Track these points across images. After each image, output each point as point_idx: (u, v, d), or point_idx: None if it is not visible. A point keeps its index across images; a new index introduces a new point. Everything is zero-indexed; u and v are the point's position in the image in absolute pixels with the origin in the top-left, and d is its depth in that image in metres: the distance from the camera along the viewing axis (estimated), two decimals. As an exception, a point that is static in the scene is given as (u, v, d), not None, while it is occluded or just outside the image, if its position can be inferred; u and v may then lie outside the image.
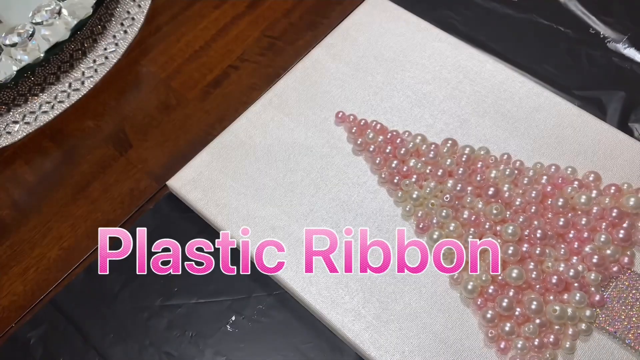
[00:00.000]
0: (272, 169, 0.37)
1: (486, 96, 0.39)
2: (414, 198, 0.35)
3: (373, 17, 0.43)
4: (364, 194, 0.36)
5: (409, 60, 0.41)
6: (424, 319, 0.32)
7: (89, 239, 0.38)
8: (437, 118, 0.39)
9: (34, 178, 0.40)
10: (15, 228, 0.39)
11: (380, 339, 0.32)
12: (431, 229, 0.34)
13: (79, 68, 0.44)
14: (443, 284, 0.33)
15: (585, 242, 0.33)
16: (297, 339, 0.34)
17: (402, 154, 0.36)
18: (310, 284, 0.33)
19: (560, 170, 0.35)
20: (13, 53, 0.41)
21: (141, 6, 0.47)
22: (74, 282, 0.36)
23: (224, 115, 0.42)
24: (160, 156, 0.41)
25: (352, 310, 0.32)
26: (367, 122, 0.38)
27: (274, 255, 0.34)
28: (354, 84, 0.40)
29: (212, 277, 0.36)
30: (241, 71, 0.44)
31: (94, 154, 0.41)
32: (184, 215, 0.38)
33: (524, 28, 0.44)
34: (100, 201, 0.39)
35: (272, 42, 0.45)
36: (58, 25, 0.42)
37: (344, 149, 0.38)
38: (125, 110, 0.43)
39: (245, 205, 0.36)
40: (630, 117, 0.40)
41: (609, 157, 0.36)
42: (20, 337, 0.35)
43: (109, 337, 0.34)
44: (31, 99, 0.43)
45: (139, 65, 0.45)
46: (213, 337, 0.34)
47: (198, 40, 0.46)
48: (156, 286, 0.36)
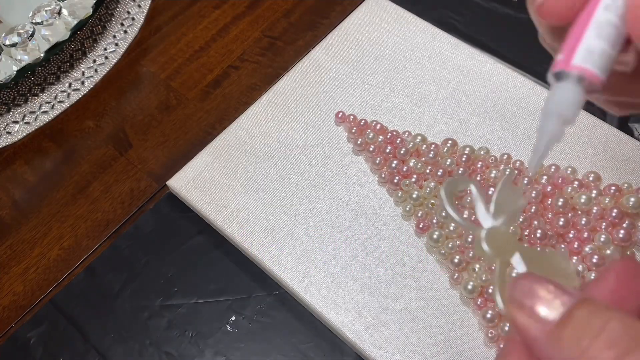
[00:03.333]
0: (272, 169, 0.37)
1: (486, 96, 0.39)
2: (414, 198, 0.35)
3: (373, 17, 0.43)
4: (364, 194, 0.36)
5: (409, 60, 0.41)
6: (424, 319, 0.32)
7: (89, 239, 0.38)
8: (437, 118, 0.39)
9: (34, 178, 0.40)
10: (15, 228, 0.39)
11: (380, 339, 0.32)
12: (431, 229, 0.34)
13: (79, 68, 0.44)
14: (443, 284, 0.33)
15: (585, 242, 0.33)
16: (297, 339, 0.34)
17: (402, 154, 0.36)
18: (310, 284, 0.33)
19: (560, 170, 0.35)
20: (13, 53, 0.41)
21: (141, 6, 0.47)
22: (74, 282, 0.36)
23: (224, 115, 0.42)
24: (160, 156, 0.41)
25: (352, 310, 0.32)
26: (367, 122, 0.38)
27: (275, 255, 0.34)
28: (354, 84, 0.40)
29: (212, 277, 0.36)
30: (241, 71, 0.44)
31: (94, 154, 0.41)
32: (184, 215, 0.38)
33: (524, 28, 0.44)
34: (100, 201, 0.39)
35: (272, 42, 0.45)
36: (58, 25, 0.42)
37: (344, 149, 0.38)
38: (125, 110, 0.43)
39: (245, 205, 0.36)
40: (630, 117, 0.40)
41: (609, 157, 0.36)
42: (20, 337, 0.35)
43: (109, 337, 0.34)
44: (31, 99, 0.43)
45: (139, 65, 0.45)
46: (213, 337, 0.34)
47: (198, 40, 0.46)
48: (156, 286, 0.36)
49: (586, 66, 0.17)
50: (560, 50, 0.17)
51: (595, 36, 0.16)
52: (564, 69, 0.17)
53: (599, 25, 0.16)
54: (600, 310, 0.15)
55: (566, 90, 0.17)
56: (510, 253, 0.20)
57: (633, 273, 0.17)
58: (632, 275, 0.17)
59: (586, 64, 0.17)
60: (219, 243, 0.36)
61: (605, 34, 0.16)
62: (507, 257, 0.20)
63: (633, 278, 0.17)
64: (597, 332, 0.15)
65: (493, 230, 0.20)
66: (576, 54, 0.17)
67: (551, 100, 0.18)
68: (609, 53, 0.17)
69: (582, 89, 0.17)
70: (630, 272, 0.17)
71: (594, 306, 0.15)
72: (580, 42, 0.17)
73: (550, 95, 0.18)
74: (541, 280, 0.16)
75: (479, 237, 0.20)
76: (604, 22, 0.16)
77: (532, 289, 0.16)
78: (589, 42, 0.16)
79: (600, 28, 0.16)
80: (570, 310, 0.15)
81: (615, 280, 0.17)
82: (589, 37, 0.16)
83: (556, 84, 0.17)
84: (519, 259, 0.20)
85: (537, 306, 0.16)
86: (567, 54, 0.17)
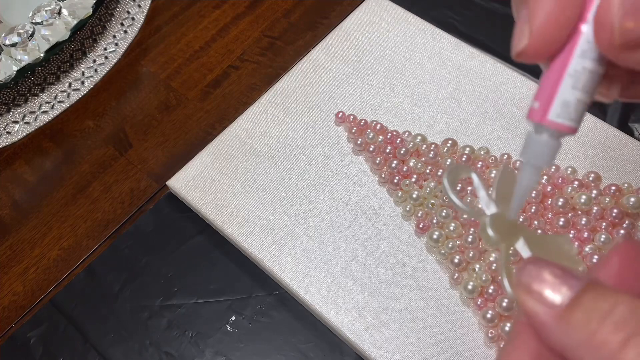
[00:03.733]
0: (272, 169, 0.37)
1: (486, 96, 0.39)
2: (414, 198, 0.35)
3: (373, 17, 0.43)
4: (364, 194, 0.36)
5: (409, 60, 0.41)
6: (424, 319, 0.32)
7: (89, 239, 0.38)
8: (437, 118, 0.39)
9: (34, 178, 0.40)
10: (15, 228, 0.39)
11: (380, 339, 0.32)
12: (431, 229, 0.34)
13: (79, 68, 0.44)
14: (443, 284, 0.33)
15: (586, 242, 0.33)
16: (297, 339, 0.34)
17: (402, 154, 0.36)
18: (310, 284, 0.33)
19: (560, 170, 0.35)
20: (13, 53, 0.41)
21: (141, 6, 0.47)
22: (74, 282, 0.36)
23: (224, 115, 0.42)
24: (160, 156, 0.41)
25: (352, 310, 0.32)
26: (367, 122, 0.38)
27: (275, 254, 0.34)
28: (354, 84, 0.40)
29: (212, 277, 0.36)
30: (241, 71, 0.44)
31: (94, 154, 0.41)
32: (184, 215, 0.38)
33: (524, 28, 0.44)
34: (100, 201, 0.39)
35: (272, 42, 0.45)
36: (58, 25, 0.42)
37: (344, 149, 0.38)
38: (125, 110, 0.43)
39: (245, 205, 0.36)
40: (630, 117, 0.40)
41: (609, 157, 0.36)
42: (20, 337, 0.35)
43: (109, 337, 0.34)
44: (31, 99, 0.43)
45: (139, 65, 0.45)
46: (213, 337, 0.34)
47: (198, 40, 0.46)
48: (156, 286, 0.36)
49: (562, 122, 0.17)
50: (535, 96, 0.17)
51: (571, 87, 0.16)
52: (540, 122, 0.17)
53: (575, 74, 0.16)
54: (608, 294, 0.15)
55: (541, 145, 0.18)
56: (514, 238, 0.20)
57: (636, 255, 0.17)
58: (635, 258, 0.17)
59: (562, 119, 0.17)
60: (219, 243, 0.36)
61: (581, 84, 0.16)
62: (512, 242, 0.20)
63: (636, 260, 0.17)
64: (604, 316, 0.15)
65: (497, 216, 0.20)
66: (552, 109, 0.17)
67: (527, 151, 0.18)
68: (584, 101, 0.17)
69: (557, 141, 0.18)
70: (633, 254, 0.17)
71: (601, 290, 0.15)
72: (556, 94, 0.17)
73: (526, 145, 0.18)
74: (548, 265, 0.17)
75: (484, 222, 0.20)
76: (579, 70, 0.16)
77: (539, 273, 0.16)
78: (565, 94, 0.17)
79: (576, 78, 0.16)
80: (578, 294, 0.16)
81: (619, 263, 0.17)
82: (564, 89, 0.17)
83: (532, 134, 0.18)
84: (523, 244, 0.20)
85: (545, 290, 0.16)
86: (542, 104, 0.17)
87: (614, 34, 0.15)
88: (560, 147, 0.18)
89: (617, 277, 0.17)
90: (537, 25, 0.16)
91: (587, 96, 0.17)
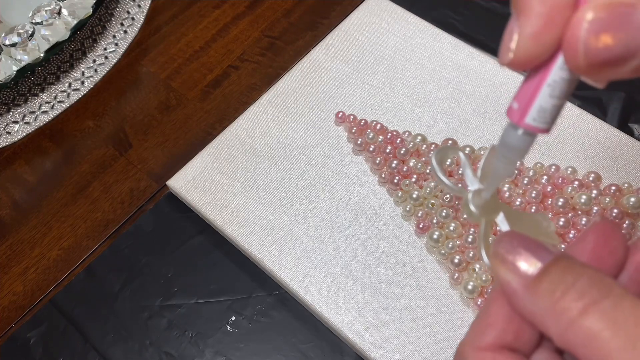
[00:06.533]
0: (272, 169, 0.37)
1: (486, 96, 0.39)
2: (414, 198, 0.35)
3: (373, 17, 0.43)
4: (364, 194, 0.36)
5: (409, 60, 0.41)
6: (424, 319, 0.32)
7: (89, 239, 0.38)
8: (437, 118, 0.39)
9: (34, 178, 0.40)
10: (15, 228, 0.39)
11: (380, 339, 0.32)
12: (431, 229, 0.34)
13: (79, 68, 0.44)
14: (443, 284, 0.33)
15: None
16: (297, 339, 0.34)
17: (402, 154, 0.36)
18: (310, 284, 0.33)
19: (560, 170, 0.35)
20: (13, 53, 0.41)
21: (141, 6, 0.47)
22: (74, 282, 0.36)
23: (224, 115, 0.42)
24: (160, 156, 0.41)
25: (352, 310, 0.32)
26: (367, 122, 0.38)
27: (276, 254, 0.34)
28: (354, 84, 0.40)
29: (212, 277, 0.36)
30: (241, 71, 0.44)
31: (94, 154, 0.41)
32: (184, 215, 0.38)
33: (524, 28, 0.44)
34: (100, 201, 0.39)
35: (272, 42, 0.45)
36: (58, 25, 0.42)
37: (344, 149, 0.38)
38: (125, 110, 0.43)
39: (245, 205, 0.36)
40: (630, 117, 0.40)
41: (609, 157, 0.36)
42: (20, 337, 0.35)
43: (109, 337, 0.34)
44: (31, 99, 0.43)
45: (139, 65, 0.45)
46: (213, 337, 0.34)
47: (198, 40, 0.46)
48: (156, 286, 0.36)
49: (537, 125, 0.18)
50: (515, 96, 0.19)
51: (549, 95, 0.18)
52: (517, 124, 0.18)
53: (553, 84, 0.18)
54: (574, 267, 0.17)
55: (517, 139, 0.19)
56: (494, 214, 0.22)
57: (610, 234, 0.18)
58: (610, 236, 0.18)
59: (537, 123, 0.18)
60: (219, 243, 0.36)
61: (557, 92, 0.18)
62: (492, 217, 0.22)
63: (610, 238, 0.18)
64: (569, 286, 0.16)
65: (479, 192, 0.22)
66: (529, 113, 0.18)
67: (503, 144, 0.19)
68: (560, 105, 0.18)
69: (530, 139, 0.19)
70: (607, 233, 0.18)
71: (568, 263, 0.17)
72: (535, 100, 0.18)
73: (503, 137, 0.19)
74: (523, 238, 0.18)
75: (466, 198, 0.22)
76: (558, 80, 0.17)
77: (514, 245, 0.18)
78: (542, 101, 0.18)
79: (554, 87, 0.18)
80: (547, 265, 0.17)
81: (594, 241, 0.18)
82: (543, 97, 0.18)
83: (509, 128, 0.19)
84: (503, 219, 0.21)
85: (517, 261, 0.17)
86: (521, 107, 0.18)
87: (580, 54, 0.16)
88: (534, 143, 0.19)
89: (591, 253, 0.18)
90: (523, 42, 0.17)
91: (563, 100, 0.18)
